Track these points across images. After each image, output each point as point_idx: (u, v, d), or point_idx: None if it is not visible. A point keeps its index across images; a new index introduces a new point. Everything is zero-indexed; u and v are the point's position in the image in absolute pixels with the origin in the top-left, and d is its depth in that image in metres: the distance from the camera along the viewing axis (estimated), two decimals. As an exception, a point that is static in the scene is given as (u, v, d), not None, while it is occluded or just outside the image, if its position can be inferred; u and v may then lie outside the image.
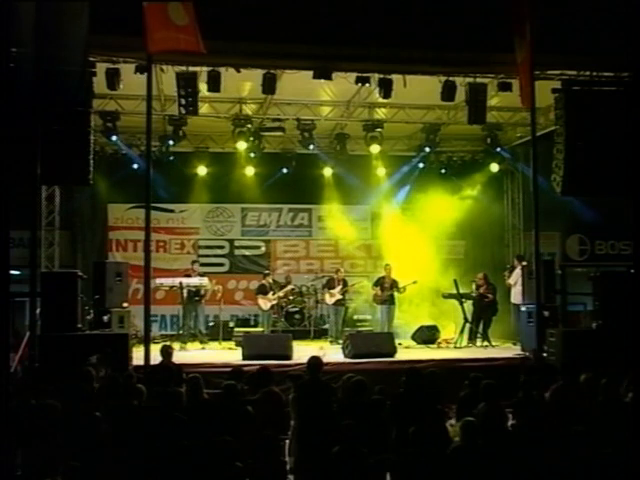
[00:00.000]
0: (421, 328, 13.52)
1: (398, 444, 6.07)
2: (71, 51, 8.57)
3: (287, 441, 6.74)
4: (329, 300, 13.61)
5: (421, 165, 14.95)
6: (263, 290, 13.71)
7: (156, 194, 11.91)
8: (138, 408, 6.56)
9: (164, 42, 8.80)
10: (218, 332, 13.29)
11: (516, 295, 12.85)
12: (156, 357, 8.88)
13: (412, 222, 15.23)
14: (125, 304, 11.15)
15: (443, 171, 15.35)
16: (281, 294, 13.83)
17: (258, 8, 9.50)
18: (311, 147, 13.73)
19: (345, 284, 13.66)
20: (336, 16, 9.70)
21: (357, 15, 9.74)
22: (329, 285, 13.74)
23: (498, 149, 14.29)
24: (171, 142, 13.26)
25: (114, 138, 12.80)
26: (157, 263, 13.16)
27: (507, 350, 12.29)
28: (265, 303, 13.60)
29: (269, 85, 10.82)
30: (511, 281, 13.19)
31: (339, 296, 13.51)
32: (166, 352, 8.71)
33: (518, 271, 12.92)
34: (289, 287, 14.09)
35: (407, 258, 14.59)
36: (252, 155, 14.02)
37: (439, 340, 13.25)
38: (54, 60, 8.34)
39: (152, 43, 8.77)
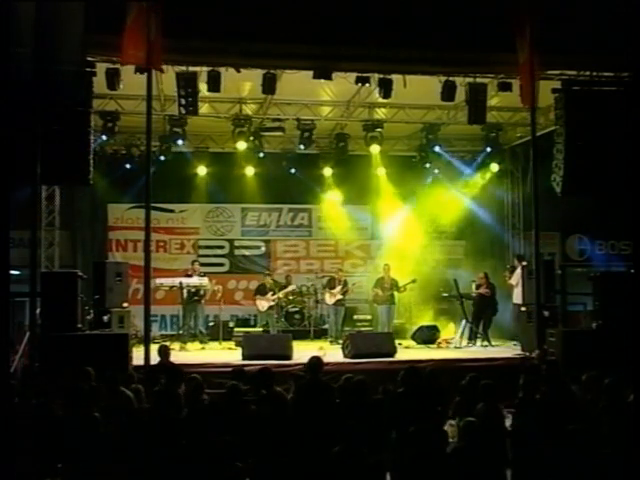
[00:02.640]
0: (421, 328, 13.52)
1: (398, 444, 6.07)
2: (68, 51, 8.57)
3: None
4: (329, 300, 13.61)
5: (421, 165, 14.92)
6: (262, 290, 13.70)
7: (156, 194, 11.89)
8: (138, 408, 6.56)
9: (135, 57, 9.00)
10: (218, 332, 13.28)
11: (518, 295, 12.82)
12: (156, 357, 8.89)
13: (412, 222, 15.25)
14: (125, 304, 11.15)
15: (443, 171, 15.34)
16: (281, 295, 13.82)
17: (258, 8, 9.50)
18: (302, 147, 13.66)
19: (345, 284, 13.67)
20: (336, 16, 9.70)
21: (357, 15, 9.74)
22: (330, 285, 13.74)
23: (488, 149, 14.20)
24: (180, 142, 13.21)
25: (104, 138, 12.64)
26: (157, 263, 13.14)
27: (507, 350, 12.29)
28: (262, 304, 13.58)
29: (269, 85, 10.81)
30: (512, 282, 13.12)
31: (339, 296, 13.52)
32: (164, 352, 8.71)
33: (519, 271, 12.93)
34: (290, 288, 14.07)
35: (407, 258, 14.62)
36: (255, 155, 13.99)
37: (439, 340, 13.24)
38: (52, 60, 8.34)
39: (126, 56, 9.00)
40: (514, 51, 9.86)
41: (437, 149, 14.16)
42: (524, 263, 12.61)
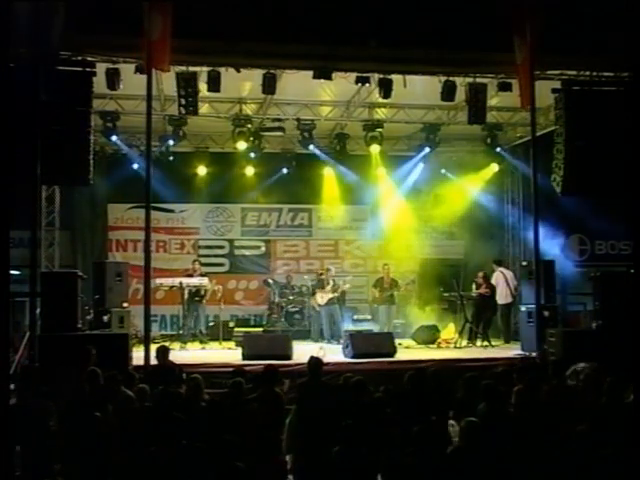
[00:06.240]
0: (421, 328, 13.51)
1: (399, 444, 6.06)
2: (52, 49, 8.58)
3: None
4: (321, 300, 13.37)
5: (421, 165, 14.93)
6: (321, 284, 13.52)
7: (156, 194, 11.92)
8: (138, 408, 6.56)
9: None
10: (218, 332, 13.26)
11: (500, 296, 13.34)
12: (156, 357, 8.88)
13: (412, 222, 15.24)
14: (125, 304, 11.14)
15: (443, 171, 15.37)
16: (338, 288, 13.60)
17: (258, 8, 9.51)
18: (310, 147, 13.71)
19: (335, 282, 13.47)
20: (336, 16, 9.70)
21: (357, 15, 9.74)
22: (320, 285, 13.54)
23: (498, 149, 14.25)
24: (171, 142, 13.24)
25: (114, 138, 12.77)
26: (157, 263, 13.12)
27: (507, 350, 12.29)
28: (322, 297, 13.36)
29: (269, 85, 10.82)
30: (493, 282, 13.46)
31: (330, 294, 13.35)
32: (162, 353, 8.68)
33: (497, 274, 13.46)
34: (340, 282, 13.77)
35: (407, 258, 14.62)
36: (252, 155, 14.01)
37: (439, 340, 13.24)
38: (41, 58, 8.34)
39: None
40: (514, 51, 9.87)
41: (438, 149, 14.19)
42: (523, 264, 12.67)
